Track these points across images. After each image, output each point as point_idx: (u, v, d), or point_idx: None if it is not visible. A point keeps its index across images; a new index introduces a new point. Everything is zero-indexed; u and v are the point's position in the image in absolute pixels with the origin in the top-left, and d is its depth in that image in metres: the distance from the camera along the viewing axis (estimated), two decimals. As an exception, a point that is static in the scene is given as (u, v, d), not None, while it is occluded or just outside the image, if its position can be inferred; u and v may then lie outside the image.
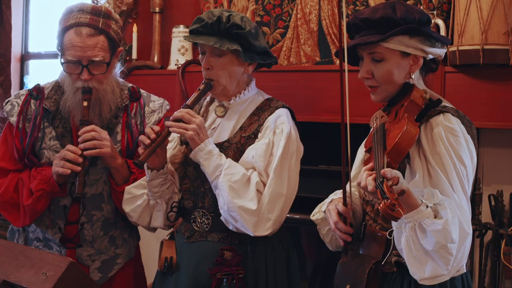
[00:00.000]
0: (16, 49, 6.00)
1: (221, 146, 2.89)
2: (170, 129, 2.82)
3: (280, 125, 2.87)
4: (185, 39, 2.96)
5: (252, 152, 2.84)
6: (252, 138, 2.89)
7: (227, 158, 2.85)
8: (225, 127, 2.96)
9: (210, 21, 2.82)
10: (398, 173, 2.19)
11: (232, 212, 2.76)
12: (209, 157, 2.80)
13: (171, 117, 2.85)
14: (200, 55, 2.96)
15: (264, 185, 2.81)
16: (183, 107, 2.89)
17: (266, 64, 2.99)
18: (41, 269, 2.46)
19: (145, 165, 2.87)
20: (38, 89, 3.16)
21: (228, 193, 2.75)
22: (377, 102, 2.63)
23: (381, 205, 2.10)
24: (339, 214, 2.56)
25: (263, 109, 2.95)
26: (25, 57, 6.07)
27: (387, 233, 2.39)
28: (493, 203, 3.41)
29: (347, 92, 2.51)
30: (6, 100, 3.20)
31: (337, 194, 2.76)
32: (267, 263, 2.91)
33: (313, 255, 3.94)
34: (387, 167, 2.23)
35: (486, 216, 3.43)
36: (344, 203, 2.57)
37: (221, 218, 2.83)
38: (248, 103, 2.98)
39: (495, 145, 3.46)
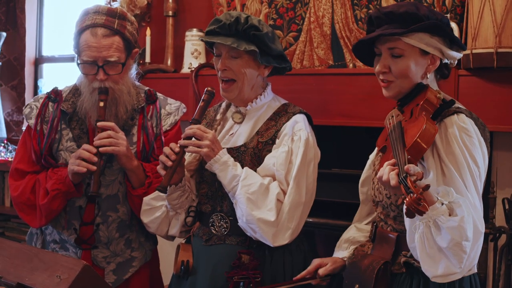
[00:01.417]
0: (30, 53, 6.03)
1: (237, 150, 2.90)
2: (185, 149, 2.83)
3: (298, 132, 2.87)
4: (201, 40, 2.96)
5: (273, 160, 2.85)
6: (269, 144, 2.90)
7: (243, 162, 2.88)
8: (242, 132, 2.96)
9: (228, 22, 2.83)
10: (421, 170, 2.21)
11: (251, 224, 2.77)
12: (225, 168, 2.81)
13: (183, 134, 2.87)
14: (214, 58, 2.96)
15: (285, 193, 2.82)
16: (192, 122, 2.91)
17: (281, 70, 3.00)
18: (55, 272, 2.47)
19: None
20: (56, 92, 3.21)
21: (246, 205, 2.76)
22: (388, 98, 2.62)
23: (407, 199, 2.11)
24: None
25: (280, 114, 2.95)
26: (39, 61, 6.10)
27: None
28: (507, 206, 3.39)
29: None
30: (26, 104, 3.26)
31: (349, 232, 2.88)
32: (285, 267, 2.91)
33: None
34: (408, 164, 2.23)
35: (500, 220, 3.42)
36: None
37: (239, 224, 2.84)
38: (265, 108, 2.98)
39: (509, 149, 3.45)
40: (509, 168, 3.45)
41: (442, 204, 2.23)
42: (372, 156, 2.85)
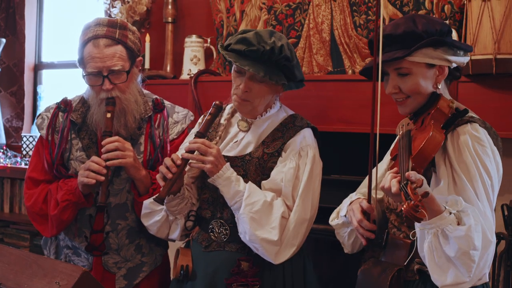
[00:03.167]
0: (29, 59, 6.05)
1: (242, 159, 2.90)
2: (189, 163, 2.84)
3: (305, 148, 2.89)
4: (230, 59, 2.83)
5: (280, 176, 2.85)
6: (275, 156, 2.90)
7: (248, 171, 2.89)
8: (247, 141, 2.96)
9: (262, 49, 2.77)
10: (422, 177, 2.21)
11: (254, 243, 2.78)
12: (228, 184, 2.81)
13: (186, 147, 2.86)
14: (233, 71, 2.92)
15: (290, 209, 2.83)
16: (196, 135, 2.90)
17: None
18: (54, 279, 2.47)
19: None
20: (65, 102, 3.26)
21: (250, 225, 2.76)
22: (404, 114, 2.63)
23: (404, 206, 2.11)
24: (363, 212, 2.57)
25: (287, 126, 2.95)
26: (38, 67, 6.11)
27: (411, 233, 2.39)
28: (506, 212, 3.39)
29: (379, 101, 2.50)
30: (38, 114, 3.33)
31: (352, 198, 2.76)
32: (285, 274, 2.92)
33: (319, 263, 3.93)
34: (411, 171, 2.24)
35: (499, 226, 3.40)
36: (369, 201, 2.57)
37: (241, 237, 2.85)
38: (271, 118, 2.99)
39: (508, 155, 3.44)
40: (507, 174, 3.45)
41: (450, 213, 2.23)
42: (385, 163, 2.85)
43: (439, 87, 2.56)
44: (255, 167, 2.89)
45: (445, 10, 3.42)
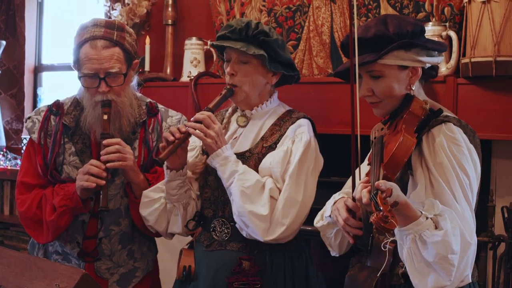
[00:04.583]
0: (29, 61, 6.05)
1: (242, 156, 2.91)
2: (189, 129, 2.83)
3: (300, 134, 2.89)
4: (212, 44, 2.97)
5: (270, 159, 2.86)
6: (273, 148, 2.91)
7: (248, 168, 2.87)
8: (246, 137, 2.98)
9: (238, 27, 2.87)
10: (393, 185, 2.18)
11: (243, 217, 2.77)
12: (225, 163, 2.82)
13: (193, 117, 2.88)
14: (224, 63, 2.98)
15: (279, 191, 2.82)
16: (205, 109, 2.92)
17: (289, 78, 3.02)
18: (54, 281, 2.47)
19: (164, 166, 2.89)
20: (57, 104, 3.20)
21: (240, 198, 2.77)
22: (380, 117, 2.63)
23: (373, 217, 2.08)
24: (348, 210, 2.54)
25: (285, 119, 2.97)
26: (38, 69, 6.11)
27: (382, 244, 2.38)
28: (506, 215, 3.39)
29: (357, 102, 2.49)
30: (27, 117, 3.24)
31: (336, 198, 2.73)
32: (286, 274, 2.92)
33: (324, 266, 3.93)
34: (383, 179, 2.22)
35: (499, 228, 3.41)
36: (353, 199, 2.52)
37: (236, 225, 2.85)
38: (270, 114, 3.00)
39: (508, 157, 3.45)
40: (508, 176, 3.45)
41: (427, 218, 2.21)
42: (366, 168, 2.84)
43: (413, 88, 2.55)
44: (255, 162, 2.90)
45: (445, 13, 3.42)
